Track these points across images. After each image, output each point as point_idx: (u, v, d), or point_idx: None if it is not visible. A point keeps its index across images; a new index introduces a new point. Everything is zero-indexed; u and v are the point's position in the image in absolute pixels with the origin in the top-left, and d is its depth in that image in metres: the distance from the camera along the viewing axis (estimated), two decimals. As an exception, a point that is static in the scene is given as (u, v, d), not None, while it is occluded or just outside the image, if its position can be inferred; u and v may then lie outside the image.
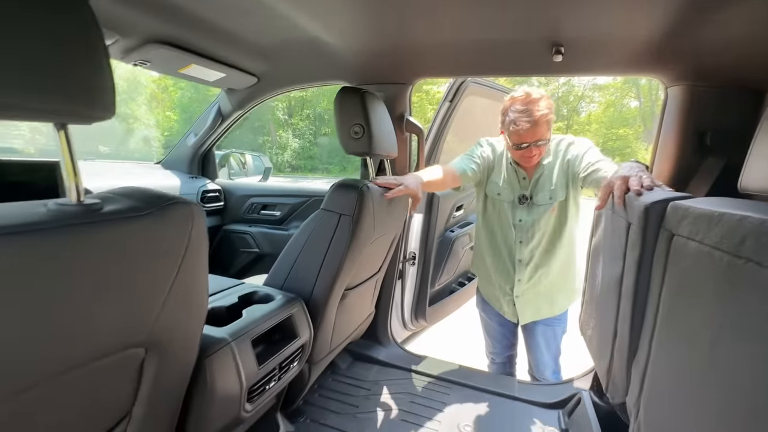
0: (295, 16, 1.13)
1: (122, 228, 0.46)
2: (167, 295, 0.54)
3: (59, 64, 0.40)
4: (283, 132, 23.59)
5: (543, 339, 1.57)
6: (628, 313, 0.85)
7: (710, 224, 0.58)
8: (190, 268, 0.57)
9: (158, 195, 0.53)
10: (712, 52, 1.06)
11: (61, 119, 0.43)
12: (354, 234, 1.09)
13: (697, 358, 0.58)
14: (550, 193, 1.40)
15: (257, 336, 0.88)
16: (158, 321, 0.55)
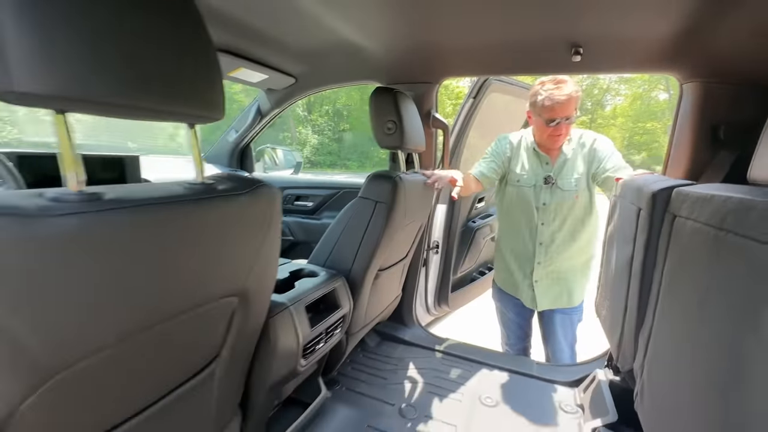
0: (333, 21, 1.26)
1: (232, 203, 0.60)
2: (256, 257, 0.69)
3: (188, 75, 0.54)
4: (303, 128, 23.94)
5: (560, 327, 1.66)
6: (636, 289, 0.95)
7: (703, 205, 0.68)
8: (272, 238, 0.71)
9: (249, 179, 0.67)
10: (725, 50, 1.13)
11: (192, 120, 0.58)
12: (388, 219, 1.22)
13: (688, 318, 0.69)
14: (575, 181, 1.50)
15: (308, 303, 1.03)
16: (248, 277, 0.69)
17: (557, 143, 1.49)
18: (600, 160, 1.47)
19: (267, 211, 0.68)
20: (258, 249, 0.69)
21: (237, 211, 0.62)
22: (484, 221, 2.28)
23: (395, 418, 1.32)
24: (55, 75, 0.38)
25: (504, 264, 1.73)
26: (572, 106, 1.40)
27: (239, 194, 0.62)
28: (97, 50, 0.41)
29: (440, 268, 2.12)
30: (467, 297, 2.37)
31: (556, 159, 1.54)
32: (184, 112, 0.55)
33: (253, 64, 1.57)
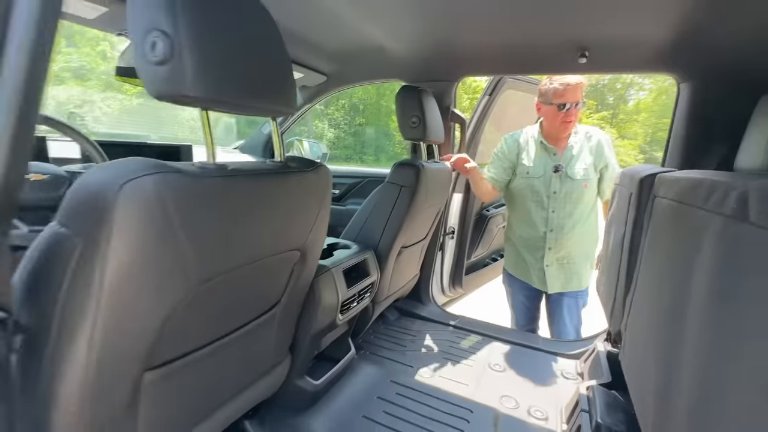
0: (362, 25, 1.42)
1: (301, 177, 0.80)
2: (315, 221, 0.88)
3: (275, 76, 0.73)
4: (319, 122, 24.20)
5: (567, 310, 1.81)
6: (626, 260, 1.11)
7: (672, 185, 0.84)
8: (326, 207, 0.91)
9: (312, 161, 0.87)
10: (719, 53, 1.25)
11: (272, 114, 0.77)
12: (411, 201, 1.40)
13: (654, 275, 0.85)
14: (583, 171, 1.65)
15: (345, 269, 1.23)
16: (308, 237, 0.89)
17: (567, 129, 1.63)
18: (605, 157, 1.63)
19: (324, 186, 0.88)
20: (316, 215, 0.88)
21: (304, 184, 0.81)
22: (498, 210, 2.44)
23: (414, 377, 1.51)
24: (206, 82, 0.57)
25: (515, 250, 1.89)
26: (580, 91, 1.56)
27: (307, 170, 0.82)
28: (227, 62, 0.60)
29: (455, 252, 2.29)
30: (480, 280, 2.53)
31: (564, 150, 1.68)
32: (272, 108, 0.74)
33: (293, 65, 1.76)
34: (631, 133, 20.88)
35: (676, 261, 0.74)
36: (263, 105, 0.70)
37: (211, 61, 0.57)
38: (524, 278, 1.88)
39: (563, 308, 1.83)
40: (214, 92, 0.58)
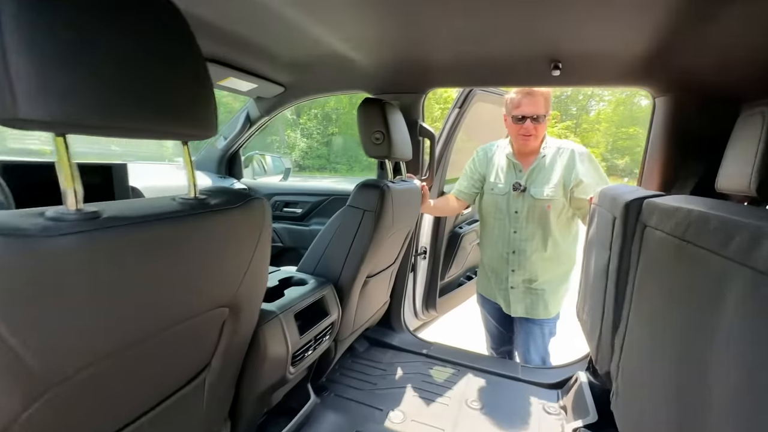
0: (321, 33, 1.28)
1: (224, 217, 0.62)
2: (247, 268, 0.71)
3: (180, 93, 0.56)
4: (291, 132, 23.86)
5: (531, 338, 1.70)
6: (612, 294, 1.00)
7: (668, 216, 0.73)
8: (262, 248, 0.73)
9: (241, 193, 0.69)
10: (693, 66, 1.19)
11: (185, 138, 0.60)
12: (376, 227, 1.25)
13: (655, 322, 0.73)
14: (548, 189, 1.53)
15: (298, 311, 1.05)
16: (239, 288, 0.71)
17: (527, 144, 1.52)
18: (577, 173, 1.49)
19: (258, 223, 0.70)
20: (249, 260, 0.71)
21: (229, 224, 0.64)
22: (471, 227, 2.33)
23: (384, 423, 1.34)
24: (55, 102, 0.40)
25: (483, 269, 1.78)
26: (541, 104, 1.45)
27: (231, 208, 0.64)
28: (91, 76, 0.43)
29: (428, 273, 2.16)
30: (455, 301, 2.41)
31: (530, 166, 1.57)
32: (177, 131, 0.57)
33: (242, 74, 1.59)
34: (594, 141, 21.87)
35: (685, 306, 0.63)
36: (162, 127, 0.53)
37: (61, 77, 0.40)
38: (493, 299, 1.77)
39: (527, 335, 1.72)
40: (65, 114, 0.41)
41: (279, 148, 23.75)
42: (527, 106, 1.45)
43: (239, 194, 0.68)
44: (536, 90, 1.44)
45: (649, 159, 1.40)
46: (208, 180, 2.10)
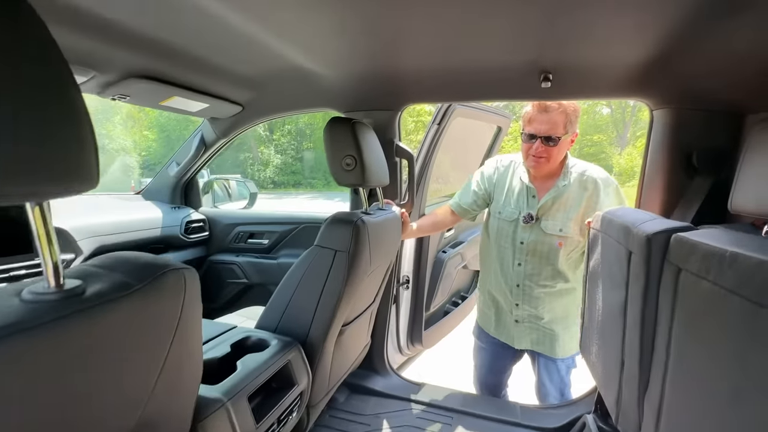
0: (280, 46, 1.11)
1: (110, 311, 0.41)
2: (161, 370, 0.49)
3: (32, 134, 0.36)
4: (265, 148, 23.42)
5: (545, 371, 1.51)
6: (636, 345, 0.84)
7: (722, 265, 0.57)
8: (184, 338, 0.52)
9: (148, 264, 0.48)
10: (695, 76, 1.09)
11: (37, 199, 0.38)
12: (351, 270, 1.05)
13: (717, 407, 0.57)
14: (562, 224, 1.31)
15: (253, 391, 0.82)
16: (151, 399, 0.49)
17: (538, 168, 1.30)
18: (600, 207, 1.25)
19: (174, 306, 0.49)
20: (163, 359, 0.49)
21: (121, 320, 0.43)
22: (455, 250, 2.16)
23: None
24: None
25: (484, 300, 1.59)
26: (558, 122, 1.20)
27: (125, 295, 0.43)
28: None
29: (411, 304, 1.96)
30: (442, 332, 2.21)
31: (546, 194, 1.34)
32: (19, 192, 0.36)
33: (190, 92, 1.37)
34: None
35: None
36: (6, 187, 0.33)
37: None
38: (491, 332, 1.57)
39: (541, 368, 1.53)
40: None
41: (252, 165, 23.22)
42: (540, 124, 1.21)
43: (142, 269, 0.47)
44: (554, 105, 1.20)
45: (649, 177, 1.27)
46: (159, 212, 1.84)
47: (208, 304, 2.07)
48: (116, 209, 1.74)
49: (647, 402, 0.81)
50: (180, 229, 1.87)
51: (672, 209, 1.23)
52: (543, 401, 1.59)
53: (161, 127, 20.85)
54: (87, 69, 1.06)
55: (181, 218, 1.89)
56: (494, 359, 1.62)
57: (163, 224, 1.82)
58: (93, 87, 1.17)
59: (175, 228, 1.86)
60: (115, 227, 1.59)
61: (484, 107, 2.04)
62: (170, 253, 1.86)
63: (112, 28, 0.94)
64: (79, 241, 1.40)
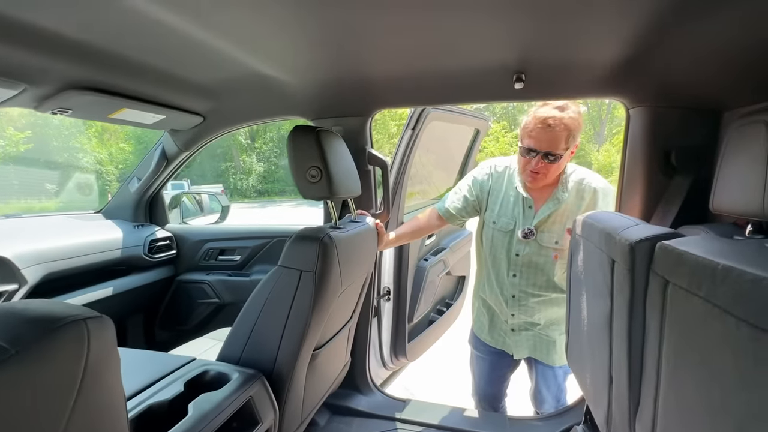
0: (239, 53, 1.03)
1: None
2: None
3: None
4: (247, 156, 23.08)
5: (542, 378, 1.46)
6: (624, 362, 0.78)
7: (715, 280, 0.51)
8: (91, 401, 0.43)
9: (34, 319, 0.39)
10: (669, 74, 1.05)
11: None
12: (318, 291, 0.97)
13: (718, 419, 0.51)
14: (557, 236, 1.26)
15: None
16: None
17: (534, 183, 1.23)
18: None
19: (71, 371, 0.40)
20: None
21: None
22: (437, 257, 2.10)
23: None
24: None
25: (479, 308, 1.52)
26: (560, 139, 1.12)
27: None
28: None
29: (393, 316, 1.88)
30: (426, 343, 2.14)
31: (543, 206, 1.27)
32: None
33: (142, 104, 1.27)
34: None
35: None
36: None
37: None
38: (487, 339, 1.50)
39: (538, 375, 1.47)
40: None
41: (235, 174, 22.84)
42: (540, 140, 1.13)
43: (26, 328, 0.38)
44: (557, 121, 1.11)
45: (628, 178, 1.23)
46: (119, 232, 1.72)
47: (177, 327, 1.95)
48: (71, 230, 1.61)
49: (639, 422, 0.75)
50: (143, 249, 1.75)
51: (652, 210, 1.19)
52: (539, 408, 1.54)
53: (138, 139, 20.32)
54: (15, 82, 0.96)
55: (144, 237, 1.78)
56: (492, 369, 1.55)
57: (124, 244, 1.70)
58: (27, 101, 1.06)
59: (137, 248, 1.74)
60: (68, 251, 1.47)
61: (460, 110, 1.98)
62: (134, 275, 1.74)
63: (40, 36, 0.84)
64: (23, 270, 1.28)
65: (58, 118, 9.82)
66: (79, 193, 13.23)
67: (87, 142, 18.42)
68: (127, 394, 0.79)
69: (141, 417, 0.74)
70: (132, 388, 0.82)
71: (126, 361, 0.52)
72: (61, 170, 15.29)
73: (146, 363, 0.96)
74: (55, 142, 17.44)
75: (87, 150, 18.16)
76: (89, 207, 1.91)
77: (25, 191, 12.36)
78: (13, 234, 1.44)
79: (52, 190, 12.83)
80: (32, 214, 1.76)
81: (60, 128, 17.31)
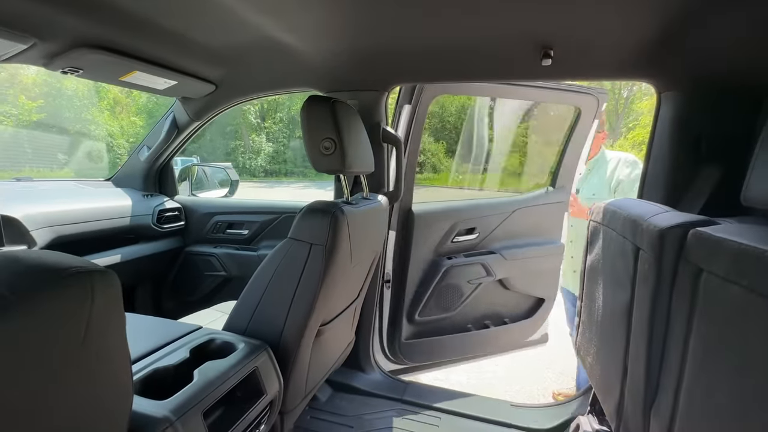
0: (256, 17, 0.98)
1: None
2: (64, 397, 0.38)
3: None
4: (256, 136, 22.98)
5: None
6: (643, 353, 0.75)
7: (761, 267, 0.47)
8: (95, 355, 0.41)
9: (37, 268, 0.37)
10: (706, 57, 0.99)
11: None
12: (328, 265, 0.95)
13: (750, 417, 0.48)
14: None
15: (210, 405, 0.72)
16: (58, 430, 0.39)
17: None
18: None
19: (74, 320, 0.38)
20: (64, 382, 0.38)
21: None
22: (471, 259, 1.83)
23: None
24: None
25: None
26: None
27: None
28: None
29: (391, 307, 1.78)
30: (431, 350, 1.89)
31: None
32: None
33: (154, 67, 1.23)
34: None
35: None
36: None
37: None
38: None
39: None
40: None
41: (244, 153, 22.81)
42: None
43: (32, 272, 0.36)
44: None
45: (654, 164, 1.18)
46: (128, 200, 1.71)
47: (184, 298, 1.95)
48: (81, 196, 1.60)
49: (655, 414, 0.73)
50: (152, 219, 1.75)
51: (677, 200, 1.14)
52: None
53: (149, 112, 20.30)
54: (26, 35, 0.92)
55: (153, 206, 1.77)
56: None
57: (133, 213, 1.69)
58: (36, 57, 1.03)
59: (146, 217, 1.73)
60: (78, 216, 1.46)
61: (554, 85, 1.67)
62: (142, 244, 1.74)
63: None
64: (33, 231, 1.27)
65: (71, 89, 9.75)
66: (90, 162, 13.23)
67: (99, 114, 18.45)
68: (133, 358, 0.79)
69: (146, 380, 0.74)
70: (138, 351, 0.82)
71: (133, 326, 0.51)
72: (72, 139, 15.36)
73: (153, 328, 0.96)
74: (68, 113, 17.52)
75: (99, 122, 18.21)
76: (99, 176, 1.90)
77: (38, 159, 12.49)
78: (23, 196, 1.44)
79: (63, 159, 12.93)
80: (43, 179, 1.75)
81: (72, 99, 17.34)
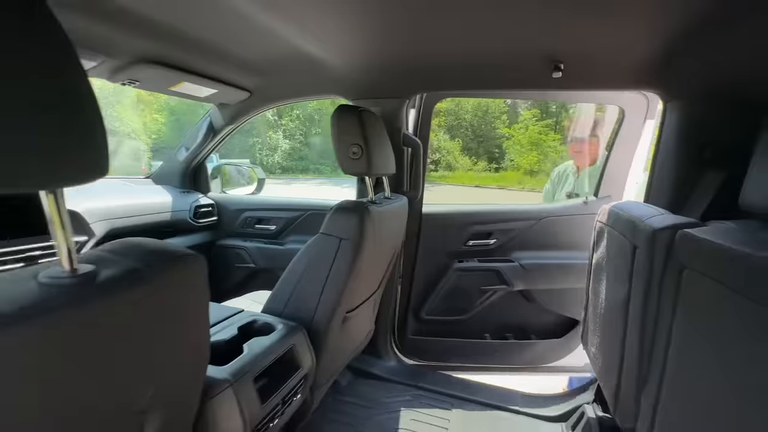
0: (288, 33, 1.10)
1: (122, 297, 0.43)
2: (171, 352, 0.51)
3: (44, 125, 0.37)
4: (273, 133, 23.36)
5: None
6: (635, 342, 0.84)
7: (730, 265, 0.56)
8: (193, 322, 0.54)
9: (159, 250, 0.50)
10: (715, 68, 1.05)
11: (50, 188, 0.40)
12: (355, 259, 1.06)
13: (721, 404, 0.57)
14: None
15: (259, 373, 0.85)
16: (162, 379, 0.52)
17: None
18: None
19: (186, 292, 0.51)
20: (173, 344, 0.51)
21: (133, 306, 0.44)
22: (486, 264, 1.80)
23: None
24: None
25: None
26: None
27: (137, 281, 0.45)
28: None
29: (401, 302, 1.83)
30: (437, 351, 1.89)
31: None
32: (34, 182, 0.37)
33: (199, 78, 1.37)
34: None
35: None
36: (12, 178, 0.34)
37: None
38: None
39: None
40: None
41: (261, 150, 23.23)
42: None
43: (155, 255, 0.48)
44: None
45: (659, 170, 1.25)
46: (169, 196, 1.87)
47: (216, 287, 2.10)
48: (127, 193, 1.77)
49: (644, 397, 0.82)
50: (189, 214, 1.90)
51: (682, 204, 1.21)
52: None
53: (171, 110, 20.88)
54: (96, 54, 1.07)
55: (190, 203, 1.92)
56: None
57: (173, 208, 1.85)
58: (102, 72, 1.18)
59: (184, 212, 1.89)
60: (127, 210, 1.62)
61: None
62: (179, 237, 1.90)
63: (121, 12, 0.94)
64: (92, 224, 1.43)
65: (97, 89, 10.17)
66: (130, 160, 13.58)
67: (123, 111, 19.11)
68: None
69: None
70: None
71: None
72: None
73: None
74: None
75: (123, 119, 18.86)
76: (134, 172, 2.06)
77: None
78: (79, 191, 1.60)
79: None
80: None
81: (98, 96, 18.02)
